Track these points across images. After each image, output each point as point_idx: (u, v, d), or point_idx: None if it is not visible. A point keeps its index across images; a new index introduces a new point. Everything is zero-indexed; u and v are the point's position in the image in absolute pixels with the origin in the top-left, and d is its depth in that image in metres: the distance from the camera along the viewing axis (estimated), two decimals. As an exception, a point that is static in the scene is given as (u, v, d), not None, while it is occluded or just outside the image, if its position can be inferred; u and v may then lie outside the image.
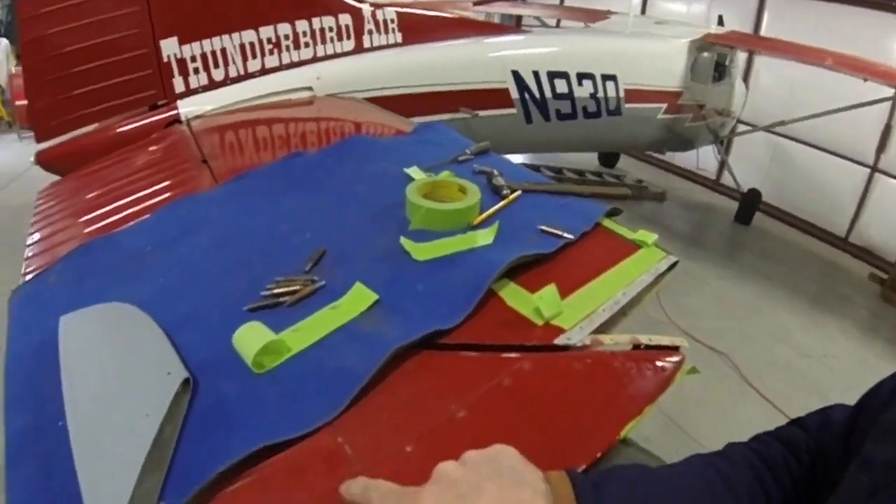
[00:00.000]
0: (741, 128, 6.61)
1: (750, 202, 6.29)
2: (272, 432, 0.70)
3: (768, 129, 6.04)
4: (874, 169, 6.22)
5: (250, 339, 0.82)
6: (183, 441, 0.70)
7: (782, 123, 5.75)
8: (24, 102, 6.15)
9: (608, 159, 7.52)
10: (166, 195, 1.50)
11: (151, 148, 2.00)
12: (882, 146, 6.11)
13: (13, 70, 6.78)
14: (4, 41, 6.95)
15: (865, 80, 4.24)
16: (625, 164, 7.61)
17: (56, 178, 2.00)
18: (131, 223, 1.33)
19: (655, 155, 7.58)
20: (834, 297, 4.97)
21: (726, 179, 7.05)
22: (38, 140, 2.18)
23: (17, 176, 5.57)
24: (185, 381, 0.77)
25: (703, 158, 6.76)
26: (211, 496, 0.64)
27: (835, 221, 6.54)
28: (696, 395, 3.22)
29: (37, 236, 1.42)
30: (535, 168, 6.11)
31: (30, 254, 1.32)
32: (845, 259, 6.14)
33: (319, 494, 0.64)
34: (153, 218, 1.33)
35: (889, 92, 4.80)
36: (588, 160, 7.15)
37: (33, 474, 0.71)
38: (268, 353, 0.82)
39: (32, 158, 2.20)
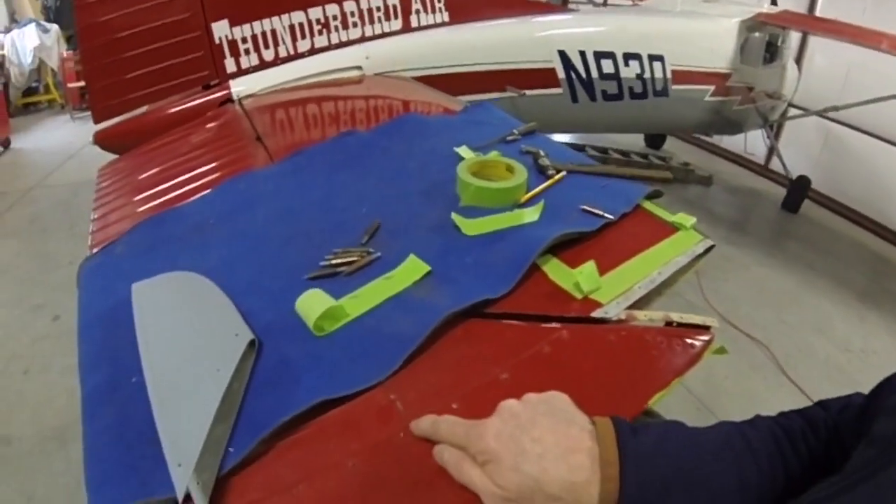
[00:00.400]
0: (792, 112, 6.39)
1: (798, 189, 6.09)
2: (330, 388, 0.76)
3: (821, 113, 5.82)
4: (931, 159, 6.01)
5: (312, 304, 0.88)
6: (249, 395, 0.77)
7: (835, 109, 5.53)
8: (77, 84, 6.39)
9: (654, 141, 7.35)
10: (224, 171, 1.55)
11: (206, 126, 2.07)
12: (941, 137, 5.89)
13: (64, 53, 7.02)
14: (55, 26, 7.13)
15: None
16: (671, 146, 7.43)
17: (112, 156, 2.09)
18: (193, 198, 1.40)
19: (702, 138, 7.42)
20: (881, 292, 4.80)
21: (775, 165, 6.85)
22: (96, 121, 2.27)
23: (73, 155, 5.81)
24: (251, 343, 0.84)
25: (752, 143, 6.58)
26: (273, 444, 0.71)
27: (888, 213, 6.30)
28: (730, 381, 3.20)
29: (100, 213, 1.49)
30: (581, 148, 6.05)
31: (94, 228, 1.38)
32: (896, 253, 5.96)
33: (372, 443, 0.70)
34: (214, 192, 1.40)
35: (948, 78, 4.62)
36: (634, 141, 7.01)
37: (111, 425, 0.77)
38: (328, 317, 0.87)
39: (91, 139, 2.29)
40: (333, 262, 1.04)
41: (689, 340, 0.89)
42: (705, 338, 0.89)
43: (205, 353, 0.85)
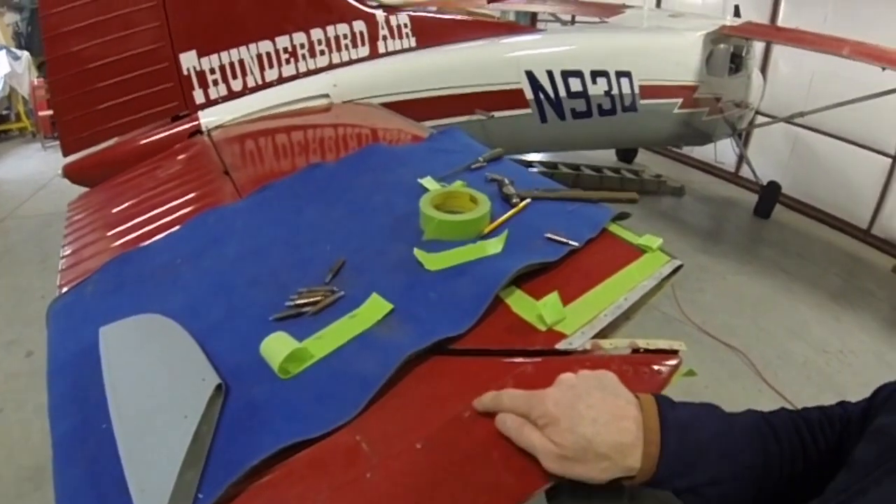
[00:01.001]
0: (760, 119, 6.53)
1: (769, 195, 6.21)
2: (297, 431, 0.76)
3: (787, 120, 5.94)
4: (896, 159, 6.15)
5: (277, 347, 0.88)
6: (217, 440, 0.77)
7: (801, 114, 5.64)
8: (48, 113, 6.27)
9: (626, 155, 7.47)
10: (192, 207, 1.55)
11: (175, 159, 2.07)
12: (904, 135, 6.03)
13: (35, 81, 6.92)
14: (25, 53, 7.07)
15: (884, 69, 4.20)
16: (643, 158, 7.55)
17: (82, 189, 2.07)
18: (161, 235, 1.39)
19: (674, 149, 7.54)
20: (855, 292, 4.90)
21: (745, 172, 6.97)
22: (66, 153, 2.26)
23: (44, 185, 5.71)
24: (218, 387, 0.83)
25: (722, 151, 6.68)
26: (243, 488, 0.71)
27: (857, 213, 6.42)
28: (710, 391, 3.22)
29: (70, 249, 1.48)
30: (553, 166, 6.11)
31: (64, 266, 1.38)
32: (868, 252, 6.03)
33: (339, 484, 0.71)
34: (181, 230, 1.39)
35: (910, 80, 4.73)
36: (606, 156, 7.12)
37: (81, 472, 0.77)
38: (293, 360, 0.88)
39: (60, 171, 2.27)
40: (298, 301, 1.04)
41: (656, 367, 0.90)
42: (673, 362, 0.90)
43: (172, 398, 0.84)
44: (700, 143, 5.84)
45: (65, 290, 1.24)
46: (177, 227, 1.41)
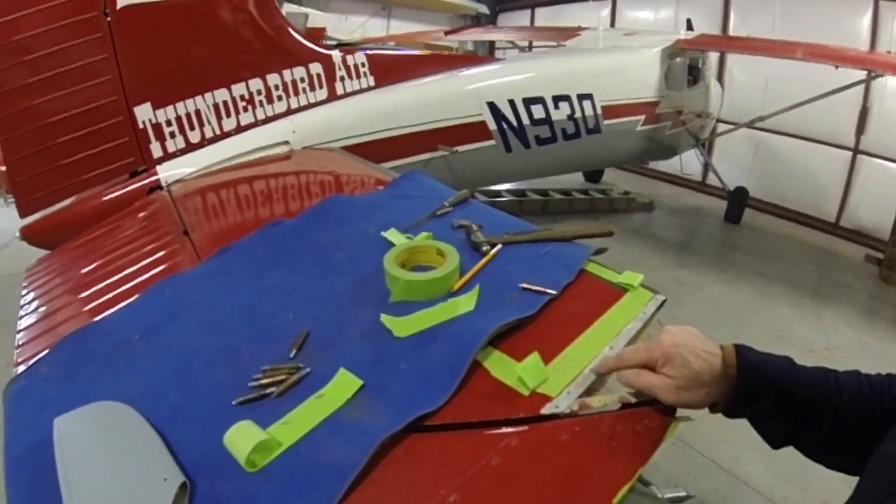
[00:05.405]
0: (721, 127, 6.67)
1: (738, 200, 6.33)
2: None
3: (748, 125, 6.10)
4: (856, 151, 6.34)
5: (241, 439, 0.83)
6: None
7: (761, 119, 5.81)
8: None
9: (593, 175, 7.59)
10: (150, 273, 1.49)
11: (134, 219, 1.99)
12: (861, 128, 6.25)
13: None
14: None
15: (837, 67, 4.31)
16: (610, 176, 7.65)
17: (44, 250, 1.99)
18: (117, 307, 1.32)
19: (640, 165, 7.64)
20: (832, 286, 4.97)
21: (712, 180, 7.10)
22: (22, 215, 2.17)
23: (6, 244, 5.45)
24: (182, 486, 0.77)
25: (687, 162, 6.80)
26: None
27: (824, 208, 6.59)
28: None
29: (26, 322, 1.41)
30: (521, 193, 6.13)
31: (21, 341, 1.31)
32: (839, 244, 6.15)
33: None
34: (138, 302, 1.32)
35: (861, 75, 4.87)
36: (573, 179, 7.19)
37: None
38: (259, 451, 0.82)
39: (18, 234, 2.19)
40: (262, 381, 0.97)
41: (648, 421, 0.85)
42: (667, 413, 0.86)
43: (133, 501, 0.78)
44: (665, 157, 5.93)
45: (21, 368, 1.17)
46: (134, 297, 1.34)
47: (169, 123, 2.31)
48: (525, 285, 1.13)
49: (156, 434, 0.89)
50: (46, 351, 1.20)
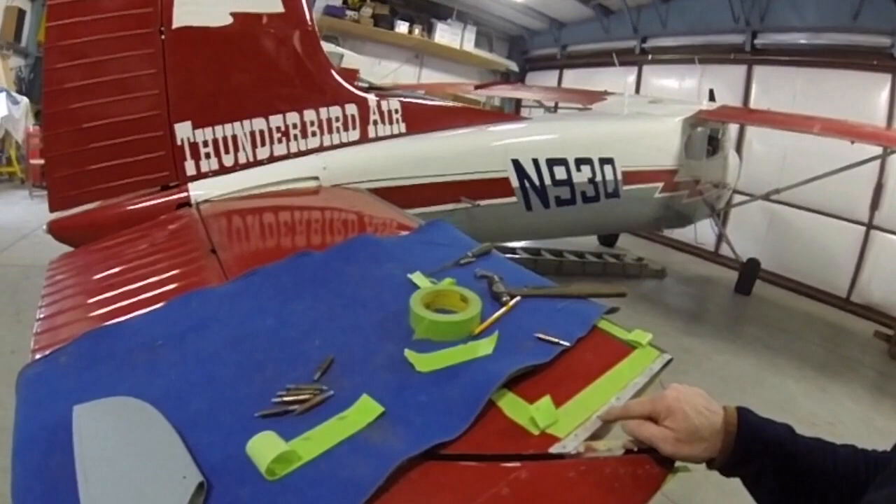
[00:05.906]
0: (737, 198, 6.73)
1: (749, 272, 6.32)
2: None
3: (764, 197, 6.15)
4: (869, 226, 6.34)
5: (264, 448, 0.86)
6: None
7: (777, 191, 5.85)
8: (39, 161, 6.01)
9: (608, 239, 7.62)
10: (176, 284, 1.52)
11: (161, 231, 2.04)
12: (875, 203, 6.28)
13: (31, 128, 6.80)
14: (25, 99, 7.00)
15: (853, 142, 4.38)
16: (624, 242, 7.70)
17: (63, 244, 2.05)
18: (143, 311, 1.35)
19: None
20: (840, 361, 4.92)
21: (725, 250, 7.12)
22: (52, 209, 2.22)
23: (27, 234, 5.43)
24: (200, 485, 0.80)
25: (702, 231, 6.85)
26: None
27: (835, 283, 6.57)
28: (699, 473, 3.13)
29: (47, 311, 1.43)
30: (536, 252, 6.17)
31: (39, 329, 1.33)
32: (849, 319, 6.10)
33: None
34: (163, 309, 1.35)
35: (877, 151, 4.94)
36: (588, 241, 7.22)
37: None
38: (279, 461, 0.85)
39: (45, 226, 2.24)
40: (286, 399, 1.01)
41: (649, 467, 0.90)
42: (666, 461, 0.90)
43: (150, 495, 0.80)
44: (681, 225, 5.95)
45: (38, 356, 1.19)
46: (159, 305, 1.37)
47: (206, 144, 2.40)
48: (541, 335, 1.20)
49: (176, 434, 0.91)
50: (65, 342, 1.21)
